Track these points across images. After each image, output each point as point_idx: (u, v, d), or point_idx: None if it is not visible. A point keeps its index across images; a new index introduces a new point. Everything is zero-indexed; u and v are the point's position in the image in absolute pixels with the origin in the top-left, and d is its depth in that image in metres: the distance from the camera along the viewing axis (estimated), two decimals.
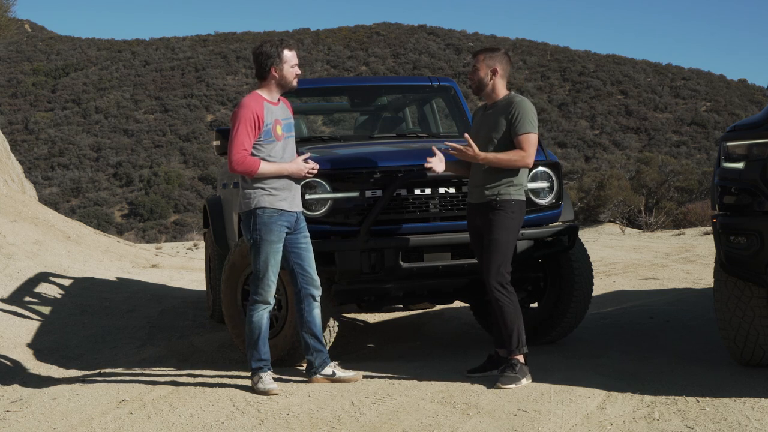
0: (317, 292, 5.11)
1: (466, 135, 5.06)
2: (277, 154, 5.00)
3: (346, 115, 8.76)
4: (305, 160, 5.09)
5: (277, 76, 5.03)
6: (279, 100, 5.14)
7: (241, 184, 5.08)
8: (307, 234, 5.13)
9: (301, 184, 5.15)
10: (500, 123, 5.01)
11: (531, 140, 4.97)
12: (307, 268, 5.08)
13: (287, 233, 5.03)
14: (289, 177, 5.02)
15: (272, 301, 5.07)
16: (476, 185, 5.07)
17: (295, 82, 5.09)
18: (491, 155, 4.95)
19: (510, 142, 4.99)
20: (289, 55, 5.03)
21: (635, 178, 30.09)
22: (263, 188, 4.96)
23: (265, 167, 4.93)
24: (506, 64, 5.13)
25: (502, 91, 5.12)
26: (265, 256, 4.97)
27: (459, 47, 74.33)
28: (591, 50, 77.02)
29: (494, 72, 5.07)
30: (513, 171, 5.01)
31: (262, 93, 5.06)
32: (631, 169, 32.36)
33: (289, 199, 5.01)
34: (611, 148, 56.06)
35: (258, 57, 5.04)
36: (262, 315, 5.04)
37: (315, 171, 5.12)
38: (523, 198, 5.07)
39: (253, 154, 4.94)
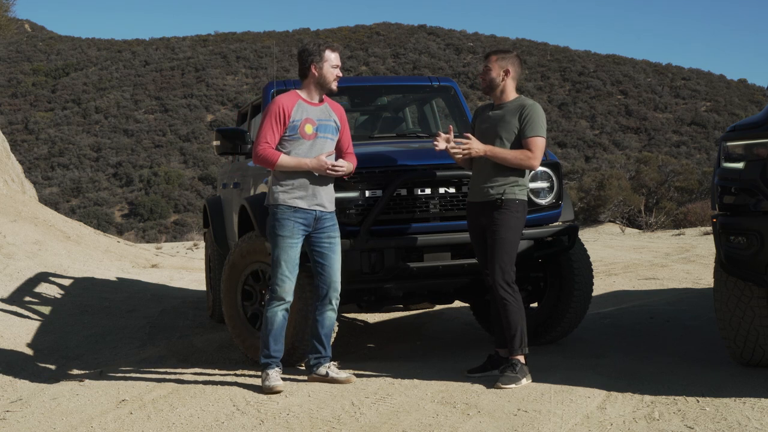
0: (335, 295, 5.08)
1: (467, 135, 5.07)
2: (303, 153, 5.00)
3: (346, 115, 8.74)
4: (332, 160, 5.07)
5: (316, 74, 5.05)
6: (323, 101, 5.14)
7: (268, 179, 5.17)
8: (333, 235, 5.07)
9: (328, 182, 5.07)
10: (511, 124, 5.03)
11: (539, 144, 5.00)
12: (327, 269, 5.05)
13: (310, 232, 5.03)
14: (311, 174, 4.99)
15: (289, 298, 5.04)
16: (480, 184, 5.07)
17: (334, 85, 5.10)
18: (497, 149, 4.98)
19: (519, 144, 5.03)
20: (332, 56, 5.07)
21: (635, 178, 30.11)
22: (281, 185, 5.01)
23: (284, 160, 4.96)
24: (518, 67, 5.20)
25: (512, 93, 5.15)
26: (276, 250, 5.00)
27: (459, 47, 74.36)
28: (591, 50, 77.19)
29: (506, 73, 5.12)
30: (518, 171, 5.04)
31: (301, 92, 5.12)
32: (631, 169, 32.36)
33: (307, 198, 4.99)
34: (611, 148, 56.09)
35: (300, 54, 5.10)
36: (276, 312, 5.03)
37: (340, 169, 5.02)
38: (526, 198, 5.11)
39: (278, 150, 4.98)
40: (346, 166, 5.07)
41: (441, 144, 5.04)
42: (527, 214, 5.21)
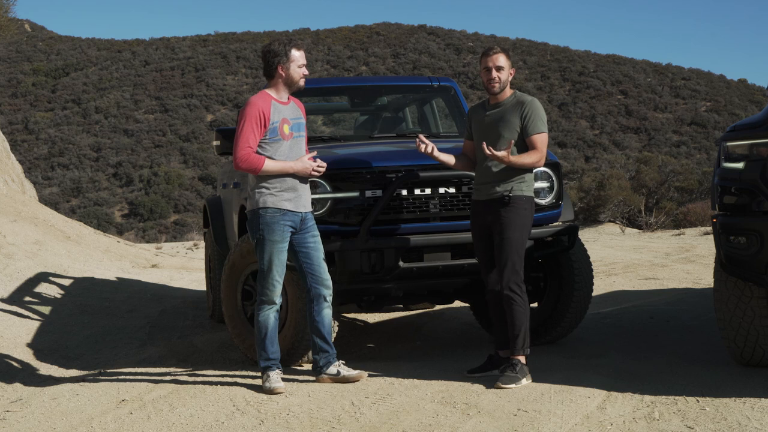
0: (327, 292, 5.08)
1: (484, 144, 4.96)
2: (283, 154, 4.99)
3: (346, 115, 8.79)
4: (314, 159, 5.07)
5: (283, 74, 5.04)
6: (289, 99, 5.14)
7: (249, 183, 5.10)
8: (316, 234, 5.10)
9: (308, 182, 5.12)
10: (512, 122, 5.00)
11: (544, 140, 4.99)
12: (316, 268, 5.06)
13: (294, 233, 5.02)
14: (295, 176, 5.00)
15: (278, 300, 5.06)
16: (485, 182, 5.03)
17: (302, 82, 5.09)
18: (518, 159, 4.92)
19: (522, 141, 5.00)
20: (297, 55, 5.03)
21: (635, 178, 30.07)
22: (267, 188, 4.97)
23: (269, 165, 4.93)
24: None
25: (509, 90, 5.13)
26: (268, 255, 4.98)
27: (459, 47, 74.33)
28: (591, 50, 77.13)
29: (511, 72, 5.09)
30: (525, 168, 5.02)
31: (270, 92, 5.08)
32: (631, 169, 32.32)
33: (293, 200, 4.99)
34: (611, 148, 56.07)
35: (266, 55, 5.06)
36: (268, 315, 5.04)
37: (322, 170, 5.07)
38: (533, 195, 5.09)
39: (259, 153, 4.95)
40: (324, 164, 5.08)
41: (424, 147, 5.05)
42: None
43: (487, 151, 4.88)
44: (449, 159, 5.20)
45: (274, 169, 4.95)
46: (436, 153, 5.10)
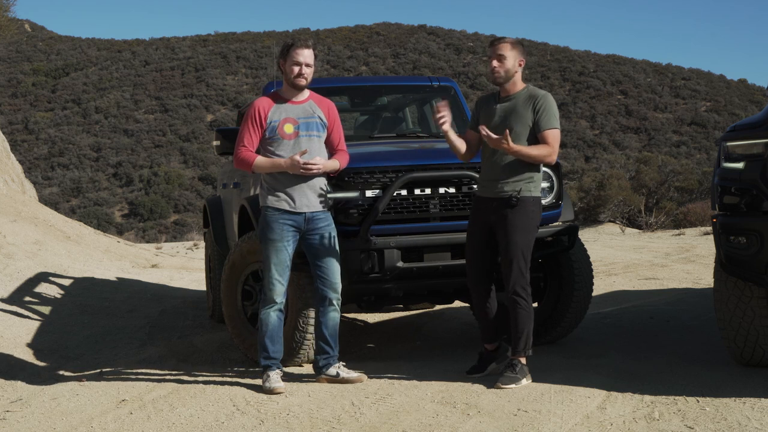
0: (334, 295, 5.06)
1: (484, 128, 4.82)
2: (285, 153, 4.98)
3: (346, 115, 8.78)
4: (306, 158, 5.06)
5: (282, 71, 5.08)
6: (308, 98, 5.11)
7: (260, 182, 5.17)
8: (327, 235, 5.04)
9: (314, 181, 5.04)
10: (525, 116, 4.89)
11: (556, 136, 4.88)
12: (324, 270, 5.04)
13: (301, 233, 5.01)
14: (296, 175, 4.96)
15: (278, 300, 5.03)
16: (493, 179, 4.92)
17: (297, 80, 5.02)
18: (522, 148, 4.79)
19: (533, 136, 4.91)
20: (293, 51, 5.01)
21: (635, 178, 30.08)
22: (267, 187, 5.02)
23: (259, 162, 4.97)
24: (526, 56, 5.05)
25: (520, 83, 5.02)
26: (266, 253, 5.00)
27: (459, 47, 74.36)
28: (591, 50, 77.20)
29: (520, 63, 4.96)
30: (534, 166, 4.91)
31: (281, 91, 5.11)
32: (631, 169, 32.33)
33: (292, 199, 4.98)
34: (611, 148, 56.10)
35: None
36: (268, 313, 5.05)
37: (314, 167, 4.95)
38: (540, 195, 5.01)
39: (263, 154, 4.99)
40: (323, 163, 4.98)
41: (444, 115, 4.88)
42: None
43: (483, 132, 4.77)
44: (461, 144, 5.08)
45: (265, 166, 4.98)
46: (451, 135, 4.97)
